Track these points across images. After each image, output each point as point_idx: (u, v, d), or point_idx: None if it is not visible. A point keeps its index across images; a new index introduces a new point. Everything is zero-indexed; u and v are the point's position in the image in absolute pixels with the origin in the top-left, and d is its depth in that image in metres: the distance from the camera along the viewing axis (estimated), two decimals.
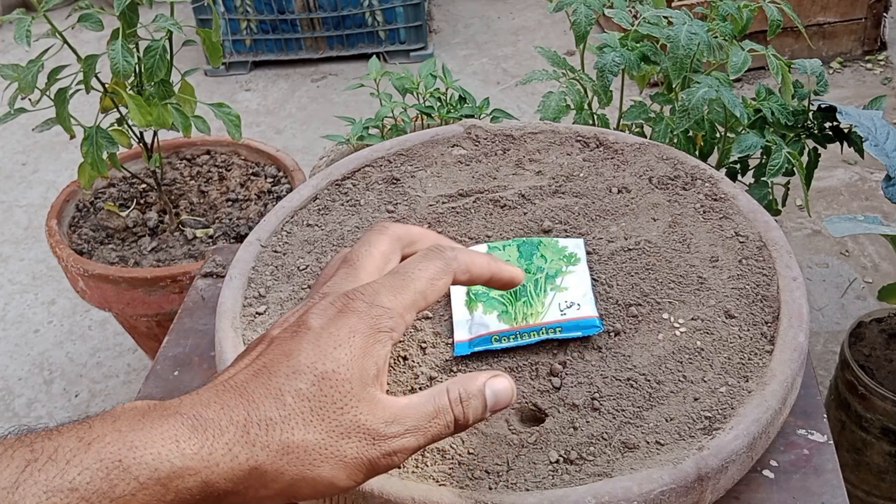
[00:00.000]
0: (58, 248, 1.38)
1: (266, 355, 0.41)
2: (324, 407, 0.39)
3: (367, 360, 0.41)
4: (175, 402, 0.38)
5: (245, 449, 0.38)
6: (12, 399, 1.68)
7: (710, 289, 0.62)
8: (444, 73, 1.33)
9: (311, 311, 0.42)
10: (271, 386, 0.39)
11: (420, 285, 0.44)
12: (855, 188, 2.01)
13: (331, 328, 0.41)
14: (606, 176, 0.75)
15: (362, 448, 0.40)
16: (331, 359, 0.40)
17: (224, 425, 0.37)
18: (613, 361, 0.57)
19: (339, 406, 0.39)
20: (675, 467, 0.49)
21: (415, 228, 0.50)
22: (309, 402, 0.39)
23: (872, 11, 2.40)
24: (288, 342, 0.41)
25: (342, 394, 0.40)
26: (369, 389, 0.41)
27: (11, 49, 2.97)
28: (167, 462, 0.36)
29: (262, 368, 0.40)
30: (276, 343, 0.41)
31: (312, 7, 2.56)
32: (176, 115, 1.21)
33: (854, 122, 1.09)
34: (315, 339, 0.40)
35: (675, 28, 0.99)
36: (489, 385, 0.44)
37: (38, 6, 1.12)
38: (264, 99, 2.59)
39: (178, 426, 0.37)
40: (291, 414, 0.39)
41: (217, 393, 0.39)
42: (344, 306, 0.42)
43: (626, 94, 1.18)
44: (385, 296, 0.42)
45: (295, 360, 0.40)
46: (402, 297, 0.43)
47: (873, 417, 1.17)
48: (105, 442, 0.35)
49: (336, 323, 0.41)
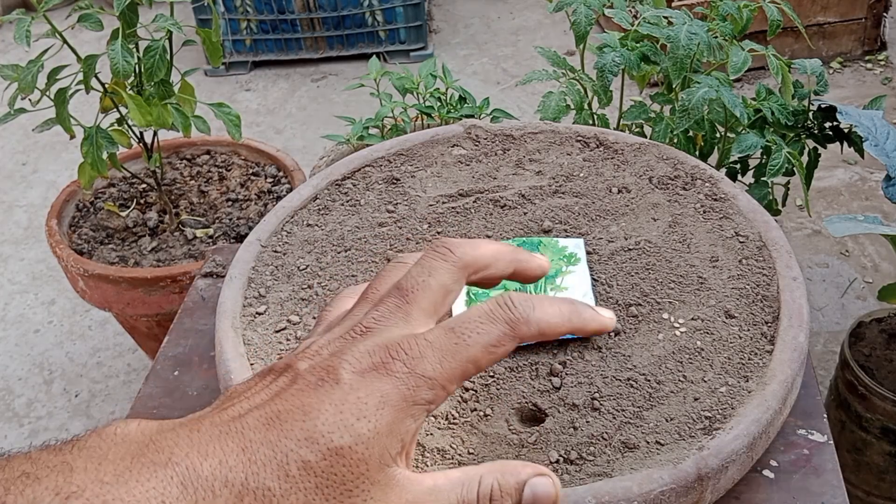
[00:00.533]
0: (58, 248, 1.38)
1: (284, 399, 0.36)
2: (330, 486, 0.34)
3: (391, 438, 0.35)
4: (170, 442, 0.34)
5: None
6: (12, 399, 1.68)
7: (710, 289, 0.62)
8: (444, 73, 1.33)
9: (346, 357, 0.36)
10: (279, 449, 0.34)
11: (475, 352, 0.37)
12: (855, 188, 2.01)
13: (360, 391, 0.35)
14: (606, 176, 0.75)
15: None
16: (350, 432, 0.35)
17: (217, 488, 0.33)
18: (613, 361, 0.57)
19: (349, 488, 0.35)
20: (675, 467, 0.49)
21: (485, 249, 0.41)
22: (315, 477, 0.34)
23: (872, 11, 2.40)
24: (310, 392, 0.36)
25: (355, 475, 0.35)
26: (387, 470, 0.36)
27: (11, 49, 2.97)
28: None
29: (275, 419, 0.35)
30: (298, 385, 0.36)
31: (312, 7, 2.56)
32: (176, 115, 1.21)
33: (854, 122, 1.09)
34: (340, 400, 0.35)
35: (675, 28, 0.99)
36: (531, 485, 0.38)
37: (38, 6, 1.12)
38: (264, 99, 2.59)
39: (167, 482, 0.32)
40: (293, 488, 0.34)
41: (220, 437, 0.35)
42: (381, 364, 0.36)
43: (626, 94, 1.18)
44: (430, 363, 0.36)
45: (311, 422, 0.35)
46: (451, 365, 0.36)
47: (873, 417, 1.17)
48: (83, 498, 0.31)
49: (367, 384, 0.36)
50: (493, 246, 0.41)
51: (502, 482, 0.37)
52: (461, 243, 0.40)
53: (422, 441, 0.53)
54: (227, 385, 0.59)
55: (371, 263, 0.68)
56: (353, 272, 0.67)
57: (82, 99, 1.25)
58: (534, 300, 0.39)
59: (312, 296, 0.66)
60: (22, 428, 1.61)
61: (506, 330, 0.37)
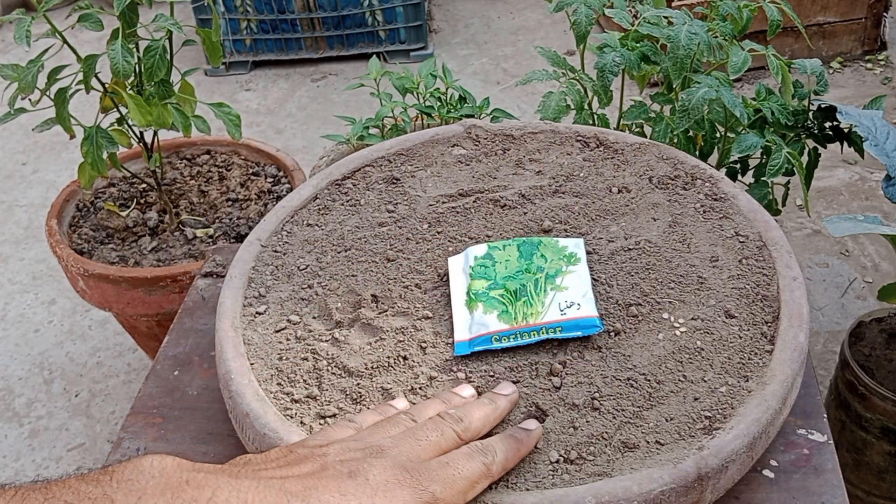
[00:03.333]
0: (58, 248, 1.38)
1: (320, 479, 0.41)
2: None
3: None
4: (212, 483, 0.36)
5: None
6: (12, 399, 1.68)
7: (710, 288, 0.62)
8: (444, 73, 1.33)
9: (375, 464, 0.43)
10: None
11: (463, 486, 0.46)
12: (855, 188, 2.01)
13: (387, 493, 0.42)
14: (606, 176, 0.75)
15: None
16: None
17: None
18: (613, 361, 0.57)
19: None
20: (675, 467, 0.49)
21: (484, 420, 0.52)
22: None
23: (872, 11, 2.40)
24: (344, 479, 0.41)
25: None
26: None
27: (11, 49, 2.97)
28: None
29: (313, 489, 0.40)
30: (330, 471, 0.42)
31: (312, 7, 2.56)
32: (176, 114, 1.21)
33: (854, 122, 1.09)
34: (370, 493, 0.41)
35: (675, 28, 0.99)
36: None
37: (38, 6, 1.12)
38: (264, 99, 2.59)
39: None
40: None
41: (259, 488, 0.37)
42: (404, 479, 0.43)
43: (626, 94, 1.18)
44: (438, 486, 0.44)
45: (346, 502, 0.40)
46: (451, 490, 0.45)
47: (873, 417, 1.17)
48: None
49: (391, 490, 0.42)
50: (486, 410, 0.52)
51: None
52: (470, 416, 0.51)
53: None
54: (227, 384, 0.59)
55: (371, 263, 0.68)
56: (354, 272, 0.67)
57: (82, 99, 1.25)
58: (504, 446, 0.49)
59: (312, 296, 0.66)
60: (22, 428, 1.61)
61: (483, 471, 0.47)
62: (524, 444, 0.50)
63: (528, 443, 0.51)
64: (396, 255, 0.68)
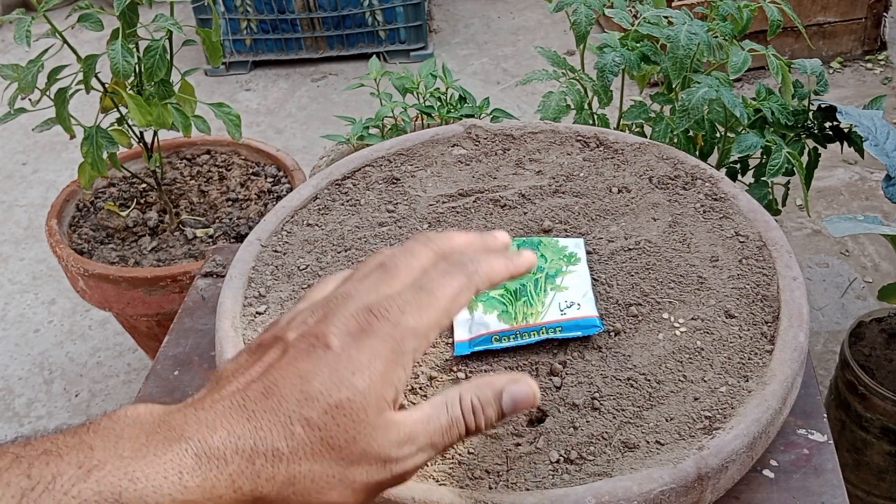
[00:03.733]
0: (58, 248, 1.38)
1: (278, 370, 0.38)
2: (334, 437, 0.38)
3: (385, 387, 0.39)
4: (180, 421, 0.36)
5: (249, 481, 0.36)
6: (12, 399, 1.68)
7: (710, 288, 0.62)
8: (445, 73, 1.33)
9: (332, 323, 0.40)
10: (281, 412, 0.37)
11: (444, 303, 0.41)
12: (855, 188, 2.01)
13: (351, 350, 0.39)
14: (606, 176, 0.75)
15: (372, 472, 0.39)
16: (346, 385, 0.38)
17: (229, 456, 0.36)
18: (613, 361, 0.57)
19: (352, 436, 0.38)
20: (675, 467, 0.49)
21: (458, 240, 0.46)
22: (319, 431, 0.37)
23: (872, 11, 2.40)
24: (303, 359, 0.39)
25: (355, 422, 0.38)
26: (385, 414, 0.39)
27: (11, 49, 2.97)
28: (168, 496, 0.34)
29: (273, 387, 0.38)
30: (289, 355, 0.39)
31: (312, 7, 2.56)
32: (176, 114, 1.21)
33: (854, 122, 1.09)
34: (333, 361, 0.38)
35: (675, 28, 0.99)
36: (509, 392, 0.42)
37: (38, 6, 1.12)
38: (264, 99, 2.59)
39: (182, 456, 0.35)
40: (300, 445, 0.37)
41: (224, 412, 0.37)
42: (367, 323, 0.39)
43: (626, 94, 1.18)
44: (410, 315, 0.40)
45: (309, 384, 0.38)
46: (427, 315, 0.40)
47: (873, 417, 1.17)
48: (105, 471, 0.34)
49: (357, 344, 0.39)
50: (464, 237, 0.46)
51: (480, 395, 0.42)
52: (439, 235, 0.46)
53: None
54: None
55: None
56: None
57: (82, 99, 1.25)
58: (478, 256, 0.44)
59: None
60: (22, 428, 1.61)
61: (464, 282, 0.42)
62: (513, 259, 0.46)
63: (519, 261, 0.46)
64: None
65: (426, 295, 0.41)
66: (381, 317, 0.40)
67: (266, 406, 0.37)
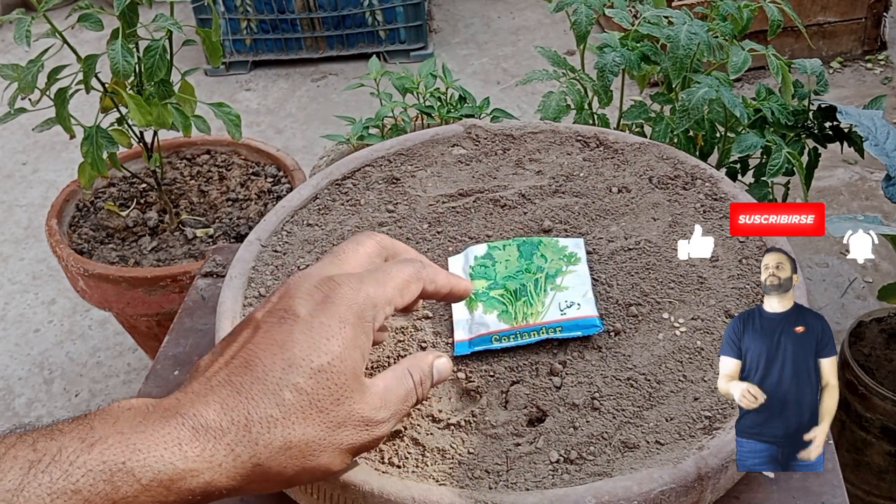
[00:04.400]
0: (58, 248, 1.38)
1: (254, 344, 0.41)
2: (322, 400, 0.40)
3: (356, 351, 0.41)
4: (173, 402, 0.38)
5: (248, 448, 0.38)
6: (12, 398, 1.68)
7: (711, 288, 0.62)
8: (444, 73, 1.33)
9: (297, 296, 0.42)
10: (268, 381, 0.39)
11: (398, 283, 0.45)
12: (855, 188, 2.01)
13: (321, 317, 0.41)
14: (606, 176, 0.75)
15: (357, 435, 0.41)
16: (325, 351, 0.40)
17: (226, 426, 0.38)
18: (613, 361, 0.57)
19: (336, 398, 0.40)
20: (675, 467, 0.49)
21: (399, 243, 0.52)
22: (307, 395, 0.39)
23: (872, 11, 2.40)
24: (276, 330, 0.41)
25: (338, 386, 0.40)
26: (360, 379, 0.42)
27: (11, 49, 2.97)
28: (170, 465, 0.36)
29: (254, 359, 0.40)
30: (263, 330, 0.41)
31: (312, 7, 2.56)
32: (176, 114, 1.21)
33: (854, 122, 1.09)
34: (306, 329, 0.40)
35: (676, 28, 0.99)
36: (436, 366, 0.48)
37: (37, 6, 1.12)
38: (264, 99, 2.59)
39: (180, 429, 0.37)
40: (291, 410, 0.39)
41: (213, 389, 0.39)
42: (331, 291, 0.42)
43: (627, 94, 1.18)
44: (370, 286, 0.43)
45: (289, 352, 0.40)
46: (384, 290, 0.44)
47: (873, 417, 1.17)
48: (108, 444, 0.35)
49: (325, 311, 0.41)
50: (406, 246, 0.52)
51: (423, 371, 0.47)
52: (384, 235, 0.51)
53: (422, 441, 0.53)
54: None
55: None
56: None
57: (82, 99, 1.25)
58: (423, 258, 0.50)
59: None
60: None
61: (414, 272, 0.47)
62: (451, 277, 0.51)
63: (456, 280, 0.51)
64: None
65: (381, 274, 0.45)
66: (343, 284, 0.42)
67: (252, 377, 0.39)
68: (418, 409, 0.56)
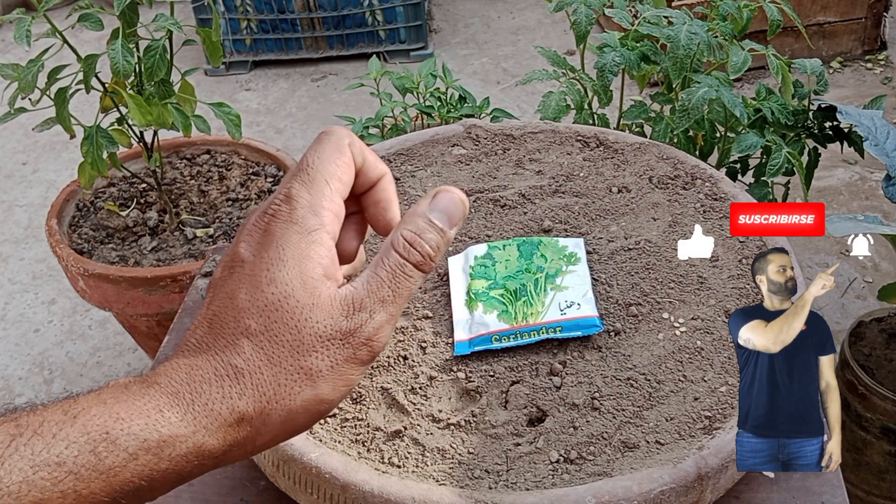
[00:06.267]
0: (58, 248, 1.38)
1: (214, 303, 0.40)
2: (279, 334, 0.38)
3: (307, 264, 0.39)
4: (152, 374, 0.38)
5: (224, 403, 0.37)
6: (12, 398, 1.68)
7: (710, 288, 0.62)
8: (445, 73, 1.33)
9: (240, 240, 0.40)
10: (225, 334, 0.38)
11: (328, 168, 0.40)
12: (855, 188, 2.01)
13: (262, 253, 0.39)
14: (606, 175, 0.75)
15: (334, 353, 0.38)
16: (267, 283, 0.38)
17: (197, 386, 0.37)
18: (613, 361, 0.57)
19: (294, 325, 0.38)
20: (675, 467, 0.49)
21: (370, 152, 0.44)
22: (263, 335, 0.38)
23: (872, 11, 2.40)
24: (227, 282, 0.40)
25: (291, 311, 0.38)
26: (318, 291, 0.38)
27: (11, 49, 2.97)
28: (155, 431, 0.36)
29: (214, 318, 0.39)
30: (217, 286, 0.40)
31: (312, 7, 2.56)
32: (176, 114, 1.21)
33: (854, 122, 1.09)
34: (250, 270, 0.39)
35: (675, 28, 0.99)
36: (432, 209, 0.40)
37: (38, 6, 1.12)
38: (264, 98, 2.59)
39: (159, 396, 0.37)
40: (252, 355, 0.38)
41: (184, 355, 0.39)
42: (267, 224, 0.39)
43: (626, 94, 1.18)
44: (301, 192, 0.39)
45: (236, 300, 0.38)
46: (316, 187, 0.40)
47: (873, 417, 1.17)
48: (91, 414, 0.35)
49: (264, 245, 0.39)
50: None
51: (410, 227, 0.40)
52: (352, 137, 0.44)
53: (422, 441, 0.53)
54: None
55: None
56: None
57: (82, 98, 1.25)
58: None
59: None
60: None
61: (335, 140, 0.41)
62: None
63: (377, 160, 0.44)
64: None
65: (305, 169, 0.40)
66: (277, 211, 0.39)
67: (213, 335, 0.38)
68: (418, 409, 0.56)
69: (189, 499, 0.61)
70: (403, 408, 0.55)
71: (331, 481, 0.50)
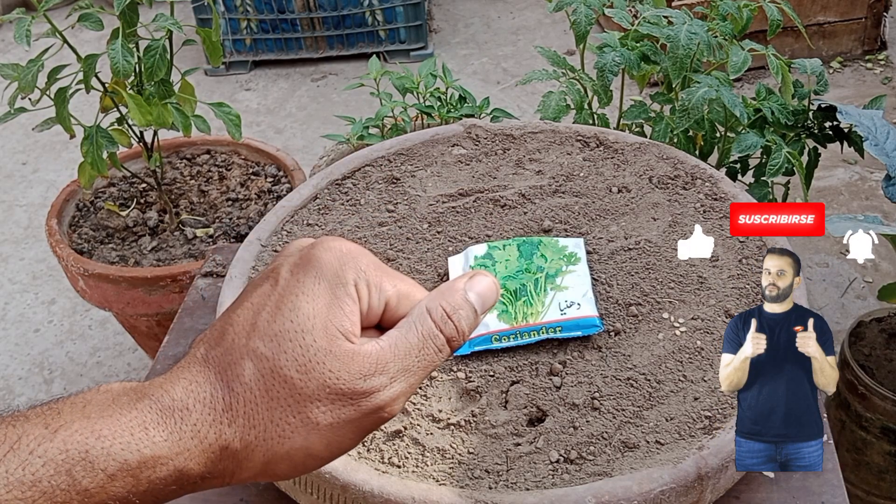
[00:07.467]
0: (58, 248, 1.38)
1: (233, 310, 0.37)
2: (284, 367, 0.34)
3: (333, 312, 0.36)
4: (147, 384, 0.35)
5: (213, 428, 0.34)
6: (12, 399, 1.68)
7: (710, 288, 0.62)
8: (444, 73, 1.33)
9: (283, 261, 0.38)
10: (233, 351, 0.35)
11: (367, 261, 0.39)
12: (855, 188, 2.01)
13: (298, 276, 0.36)
14: (606, 175, 0.75)
15: (338, 411, 0.35)
16: (290, 309, 0.35)
17: (190, 405, 0.34)
18: (613, 361, 0.57)
19: (302, 365, 0.35)
20: (675, 467, 0.49)
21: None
22: (268, 361, 0.35)
23: (872, 11, 2.40)
24: (255, 293, 0.37)
25: (303, 348, 0.35)
26: (339, 342, 0.35)
27: (11, 49, 2.97)
28: (136, 452, 0.33)
29: (227, 327, 0.36)
30: (246, 294, 0.38)
31: (312, 7, 2.56)
32: (176, 114, 1.21)
33: (854, 122, 1.09)
34: (280, 291, 0.36)
35: (675, 28, 0.99)
36: (470, 288, 0.39)
37: (38, 6, 1.12)
38: (264, 98, 2.59)
39: (147, 411, 0.34)
40: (252, 380, 0.35)
41: (187, 365, 0.36)
42: (309, 255, 0.37)
43: (626, 94, 1.18)
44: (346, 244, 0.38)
45: (257, 316, 0.36)
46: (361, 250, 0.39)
47: (873, 417, 1.17)
48: (72, 430, 0.33)
49: (302, 272, 0.36)
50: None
51: (450, 301, 0.38)
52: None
53: (422, 441, 0.53)
54: None
55: None
56: None
57: (82, 98, 1.25)
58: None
59: None
60: None
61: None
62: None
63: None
64: (396, 255, 0.68)
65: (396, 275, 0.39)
66: (321, 245, 0.37)
67: (221, 349, 0.35)
68: (418, 409, 0.56)
69: (188, 498, 0.61)
70: (403, 407, 0.55)
71: (331, 481, 0.50)
